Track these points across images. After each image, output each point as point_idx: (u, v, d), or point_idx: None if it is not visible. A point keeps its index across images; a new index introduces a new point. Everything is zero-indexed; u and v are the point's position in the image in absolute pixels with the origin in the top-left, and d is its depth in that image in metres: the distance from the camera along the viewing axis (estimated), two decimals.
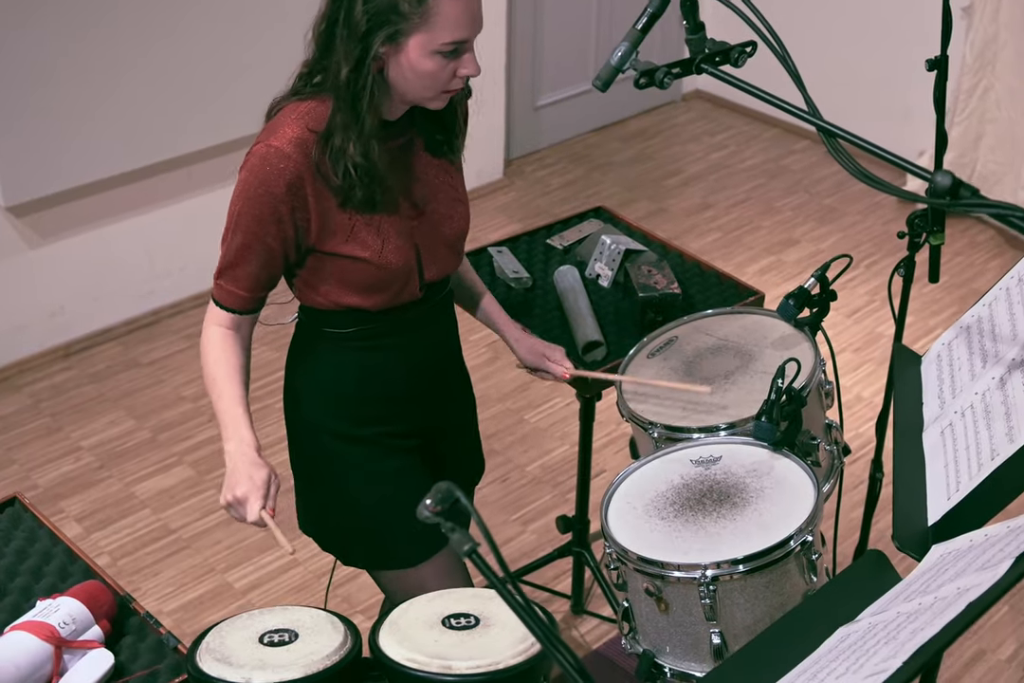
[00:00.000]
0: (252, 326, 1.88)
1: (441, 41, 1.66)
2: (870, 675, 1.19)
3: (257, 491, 1.72)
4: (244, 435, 1.79)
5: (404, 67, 1.69)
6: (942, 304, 4.07)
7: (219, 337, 1.84)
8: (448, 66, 1.70)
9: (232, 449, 1.78)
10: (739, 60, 1.56)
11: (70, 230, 3.63)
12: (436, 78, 1.71)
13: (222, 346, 1.84)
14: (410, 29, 1.65)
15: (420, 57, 1.68)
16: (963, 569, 1.34)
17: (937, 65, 2.00)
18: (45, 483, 3.29)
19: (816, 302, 2.11)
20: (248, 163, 1.74)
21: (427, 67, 1.69)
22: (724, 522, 1.78)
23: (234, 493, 1.73)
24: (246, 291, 1.82)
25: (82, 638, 1.69)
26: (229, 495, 1.73)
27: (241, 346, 1.86)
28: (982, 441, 1.61)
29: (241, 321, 1.85)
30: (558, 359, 2.17)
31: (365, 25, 1.64)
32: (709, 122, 5.30)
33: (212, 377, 1.83)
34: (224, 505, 1.76)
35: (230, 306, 1.83)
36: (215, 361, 1.83)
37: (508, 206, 4.61)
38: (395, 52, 1.68)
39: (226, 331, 1.85)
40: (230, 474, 1.76)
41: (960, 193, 1.23)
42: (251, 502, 1.72)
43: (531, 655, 1.55)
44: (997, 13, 4.16)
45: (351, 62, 1.67)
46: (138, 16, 3.42)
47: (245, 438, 1.78)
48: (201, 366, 1.86)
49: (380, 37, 1.65)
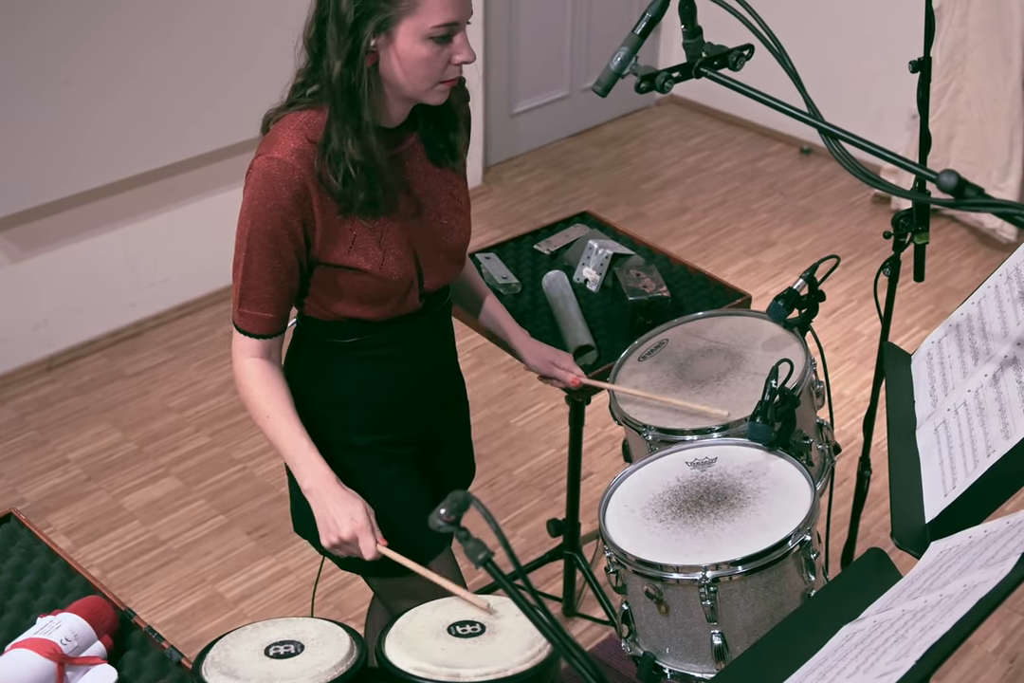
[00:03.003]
0: (280, 346, 1.86)
1: (431, 24, 1.65)
2: (882, 674, 1.20)
3: (364, 528, 1.73)
4: (320, 470, 1.78)
5: (398, 58, 1.68)
6: (918, 302, 4.11)
7: (258, 371, 1.82)
8: (442, 53, 1.69)
9: (313, 486, 1.77)
10: (737, 63, 1.57)
11: (52, 243, 3.61)
12: (431, 66, 1.69)
13: (263, 380, 1.81)
14: (399, 15, 1.64)
15: (412, 44, 1.66)
16: (966, 566, 1.35)
17: (920, 66, 2.02)
18: (32, 497, 3.27)
19: (805, 303, 2.13)
20: (251, 179, 1.72)
21: (420, 54, 1.67)
22: (722, 523, 1.79)
23: (339, 535, 1.73)
24: (272, 312, 1.79)
25: (84, 654, 1.67)
26: (334, 538, 1.74)
27: (281, 376, 1.84)
28: (977, 438, 1.62)
29: (272, 345, 1.83)
30: (567, 366, 2.17)
31: (353, 16, 1.63)
32: (684, 126, 5.33)
33: (264, 413, 1.81)
34: (329, 547, 1.76)
35: (260, 333, 1.80)
36: (264, 397, 1.81)
37: (488, 212, 4.62)
38: (387, 43, 1.67)
39: (260, 362, 1.82)
40: (322, 516, 1.76)
41: (966, 193, 1.25)
42: (363, 540, 1.73)
43: (539, 661, 1.55)
44: (966, 16, 4.21)
45: (343, 56, 1.65)
46: (119, 30, 3.41)
47: (322, 473, 1.77)
48: (245, 401, 1.83)
49: (370, 27, 1.64)
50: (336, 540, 1.74)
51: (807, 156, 5.07)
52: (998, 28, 4.14)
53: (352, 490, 1.77)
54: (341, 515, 1.73)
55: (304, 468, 1.79)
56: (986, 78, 4.24)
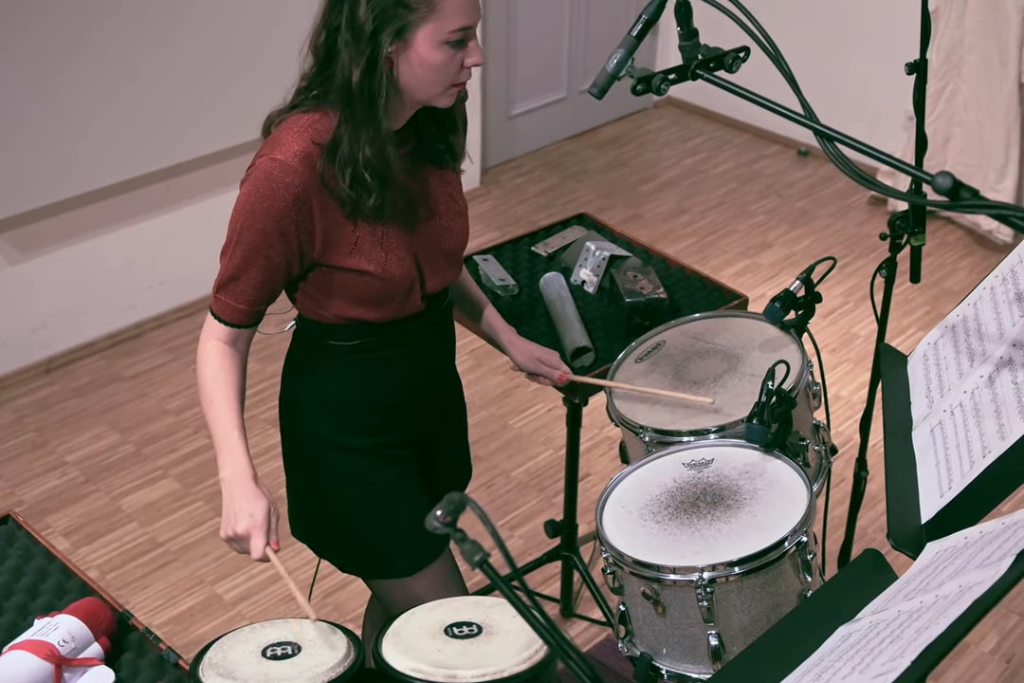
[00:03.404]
0: (250, 340, 1.87)
1: (449, 29, 1.67)
2: (878, 675, 1.20)
3: (259, 527, 1.71)
4: (240, 463, 1.77)
5: (414, 63, 1.69)
6: (915, 304, 4.11)
7: (217, 353, 1.82)
8: (456, 57, 1.70)
9: (228, 477, 1.76)
10: (733, 65, 1.57)
11: (50, 245, 3.62)
12: (446, 70, 1.71)
13: (220, 363, 1.82)
14: (418, 21, 1.65)
15: (430, 50, 1.68)
16: (962, 566, 1.35)
17: (916, 68, 2.03)
18: (31, 499, 3.27)
19: (802, 304, 2.13)
20: (251, 177, 1.72)
21: (437, 59, 1.69)
22: (719, 524, 1.79)
23: (235, 529, 1.72)
24: (246, 305, 1.80)
25: (82, 656, 1.68)
26: (230, 530, 1.73)
27: (238, 363, 1.84)
28: (973, 439, 1.63)
29: (239, 335, 1.83)
30: (554, 363, 2.18)
31: (372, 24, 1.64)
32: (681, 128, 5.34)
33: (209, 397, 1.81)
34: (225, 539, 1.75)
35: (229, 320, 1.81)
36: (212, 379, 1.81)
37: (486, 214, 4.63)
38: (404, 49, 1.68)
39: (223, 346, 1.83)
40: (227, 507, 1.75)
41: (961, 194, 1.25)
42: (254, 539, 1.71)
43: (536, 662, 1.56)
44: (963, 18, 4.21)
45: (362, 64, 1.66)
46: (119, 33, 3.42)
47: (241, 466, 1.77)
48: (197, 381, 1.84)
49: (388, 34, 1.65)
50: (232, 533, 1.73)
51: (804, 158, 5.08)
52: (995, 30, 4.15)
53: (263, 489, 1.76)
54: (242, 510, 1.72)
55: (226, 458, 1.78)
56: (983, 80, 4.25)
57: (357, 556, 2.04)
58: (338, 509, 2.00)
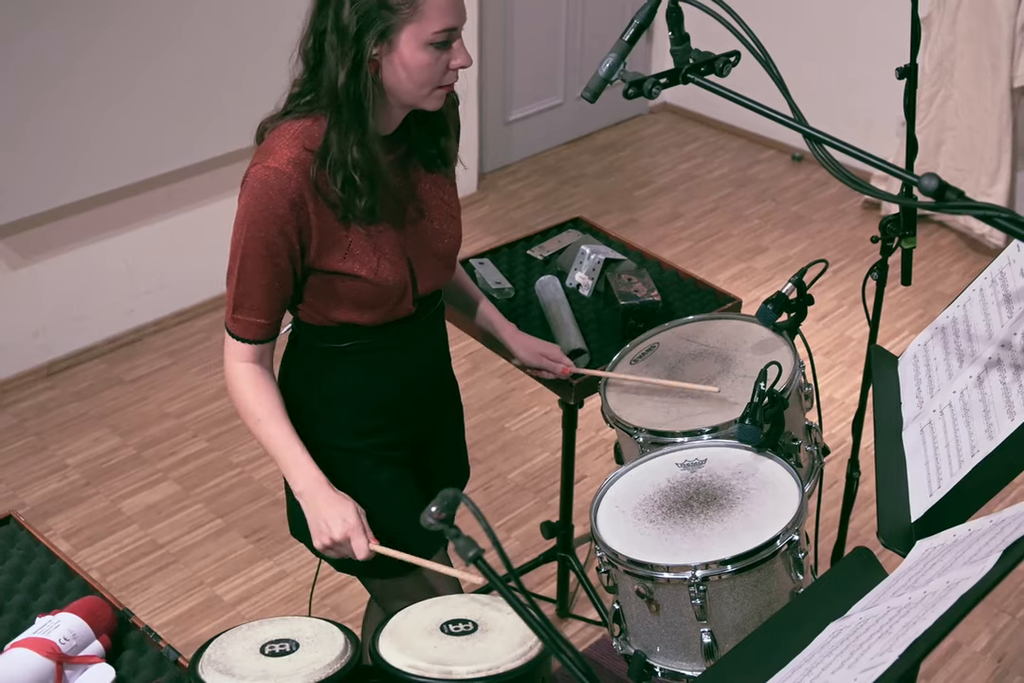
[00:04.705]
0: (272, 352, 1.88)
1: (432, 30, 1.68)
2: (866, 669, 1.22)
3: (356, 529, 1.74)
4: (310, 472, 1.79)
5: (398, 65, 1.71)
6: (908, 307, 4.13)
7: (249, 375, 1.83)
8: (441, 58, 1.72)
9: (304, 490, 1.78)
10: (724, 69, 1.58)
11: (50, 250, 3.63)
12: (431, 72, 1.72)
13: (255, 383, 1.83)
14: (401, 23, 1.67)
15: (414, 51, 1.69)
16: (950, 563, 1.37)
17: (907, 73, 2.05)
18: (32, 501, 3.29)
19: (794, 306, 2.15)
20: (248, 187, 1.74)
21: (422, 60, 1.70)
22: (712, 523, 1.81)
23: (332, 537, 1.74)
24: (265, 318, 1.81)
25: (83, 653, 1.69)
26: (326, 539, 1.75)
27: (272, 380, 1.86)
28: (962, 438, 1.64)
29: (264, 351, 1.85)
30: (556, 357, 2.19)
31: (356, 26, 1.65)
32: (677, 134, 5.37)
33: (255, 418, 1.82)
34: (321, 549, 1.77)
35: (252, 338, 1.82)
36: (254, 400, 1.82)
37: (483, 219, 4.65)
38: (388, 51, 1.69)
39: (253, 366, 1.84)
40: (314, 518, 1.77)
41: (947, 195, 1.26)
42: (355, 541, 1.74)
43: (530, 659, 1.57)
44: (954, 24, 4.24)
45: (347, 66, 1.68)
46: (118, 41, 3.44)
47: (312, 475, 1.79)
48: (236, 405, 1.85)
49: (372, 36, 1.67)
50: (328, 542, 1.75)
51: (799, 163, 5.10)
52: (986, 36, 4.17)
53: (343, 492, 1.79)
54: (333, 517, 1.75)
55: (295, 472, 1.80)
56: (974, 85, 4.27)
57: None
58: None
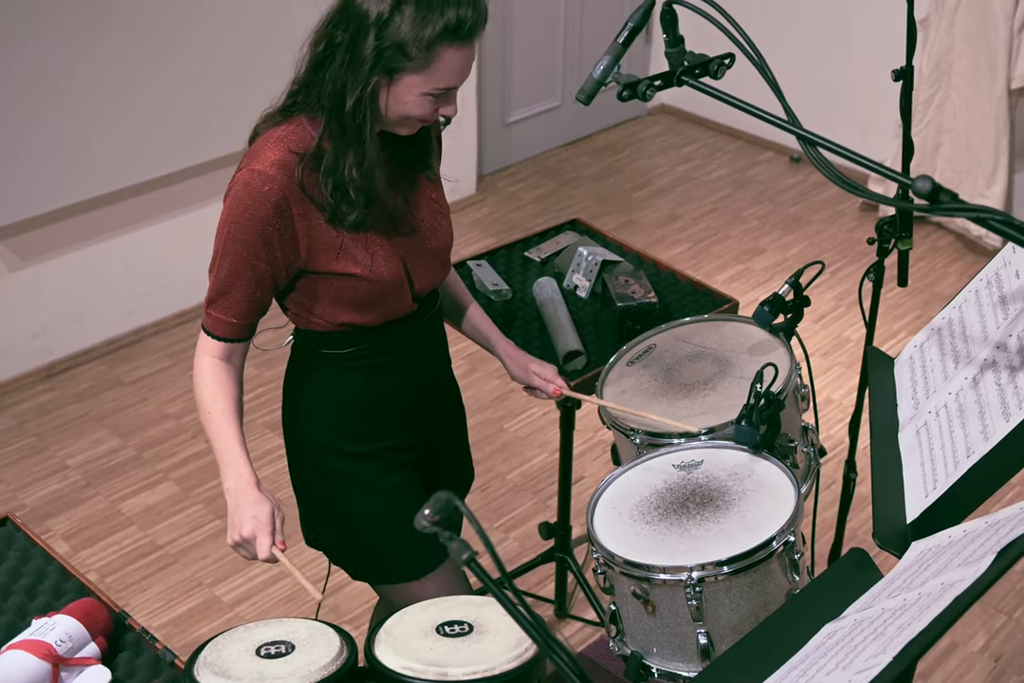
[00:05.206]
0: (244, 354, 1.88)
1: (435, 86, 1.70)
2: (860, 671, 1.22)
3: (264, 528, 1.73)
4: (243, 472, 1.79)
5: (389, 99, 1.72)
6: (905, 308, 4.14)
7: (213, 370, 1.84)
8: (432, 103, 1.74)
9: (231, 486, 1.79)
10: (718, 72, 1.58)
11: (50, 252, 3.64)
12: (419, 113, 1.74)
13: (216, 380, 1.84)
14: (410, 69, 1.69)
15: (408, 95, 1.71)
16: (945, 565, 1.37)
17: (903, 75, 2.05)
18: (32, 502, 3.29)
19: (790, 308, 2.16)
20: (233, 190, 1.75)
21: (414, 103, 1.72)
22: (708, 524, 1.81)
23: (240, 533, 1.74)
24: (237, 318, 1.82)
25: (79, 655, 1.69)
26: (236, 535, 1.75)
27: (235, 378, 1.86)
28: (957, 440, 1.65)
29: (233, 350, 1.85)
30: (549, 377, 2.17)
31: (371, 60, 1.67)
32: (675, 135, 5.37)
33: (208, 414, 1.83)
34: (232, 545, 1.77)
35: (222, 335, 1.83)
36: (211, 396, 1.83)
37: (482, 221, 4.66)
38: (385, 84, 1.71)
39: (219, 363, 1.85)
40: (232, 514, 1.77)
41: (940, 198, 1.27)
42: (260, 540, 1.73)
43: (525, 660, 1.57)
44: (952, 26, 4.24)
45: (356, 93, 1.69)
46: (117, 46, 3.45)
47: (244, 475, 1.79)
48: (196, 399, 1.86)
49: (379, 70, 1.68)
50: (238, 537, 1.75)
51: (797, 164, 5.11)
52: (983, 38, 4.18)
53: (267, 494, 1.78)
54: (246, 514, 1.75)
55: (230, 469, 1.80)
56: (972, 87, 4.28)
57: (364, 561, 2.06)
58: (344, 515, 2.02)
